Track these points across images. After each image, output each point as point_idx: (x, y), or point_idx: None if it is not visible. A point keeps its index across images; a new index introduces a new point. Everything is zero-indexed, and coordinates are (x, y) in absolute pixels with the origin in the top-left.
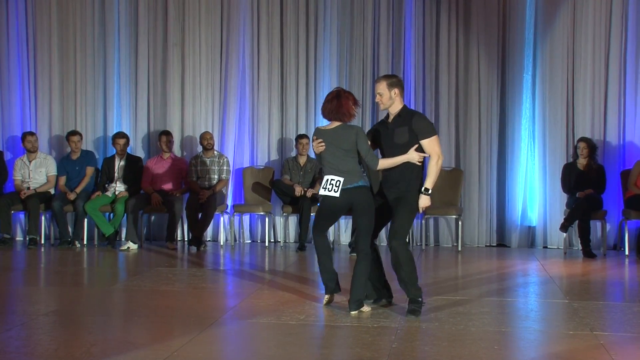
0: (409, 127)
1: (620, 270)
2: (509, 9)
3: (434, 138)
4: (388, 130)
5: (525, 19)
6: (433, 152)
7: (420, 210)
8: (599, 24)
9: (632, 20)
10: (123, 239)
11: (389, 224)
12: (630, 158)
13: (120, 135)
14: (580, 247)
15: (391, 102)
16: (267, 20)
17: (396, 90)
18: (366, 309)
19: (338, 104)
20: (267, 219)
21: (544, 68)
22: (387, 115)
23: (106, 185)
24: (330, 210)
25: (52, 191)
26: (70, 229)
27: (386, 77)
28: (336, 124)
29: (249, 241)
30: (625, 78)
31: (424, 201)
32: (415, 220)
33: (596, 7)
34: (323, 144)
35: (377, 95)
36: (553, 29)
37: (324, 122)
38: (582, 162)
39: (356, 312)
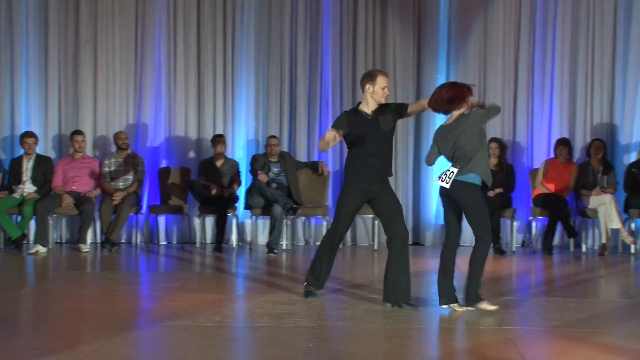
0: (391, 114)
1: (528, 266)
2: (424, 12)
3: None
4: (370, 120)
5: (439, 21)
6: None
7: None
8: (509, 29)
9: (540, 25)
10: (32, 242)
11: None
12: (538, 157)
13: (28, 134)
14: (492, 244)
15: None
16: (184, 18)
17: None
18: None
19: (460, 90)
20: (183, 220)
21: (457, 71)
22: (356, 109)
23: (14, 186)
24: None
25: None
26: None
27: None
28: (455, 114)
29: (165, 242)
30: (533, 81)
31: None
32: (332, 219)
33: (506, 14)
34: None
35: (386, 89)
36: (466, 33)
37: (240, 123)
38: (493, 161)
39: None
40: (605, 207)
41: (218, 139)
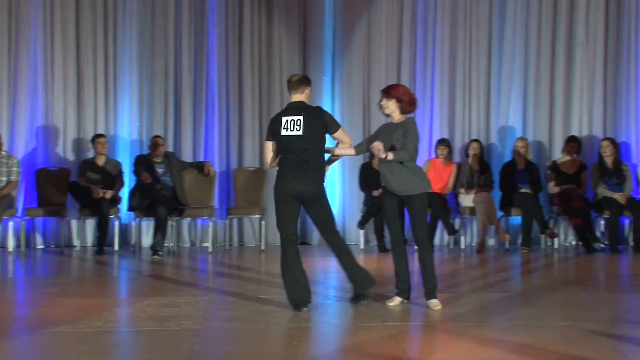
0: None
1: (410, 263)
2: (309, 13)
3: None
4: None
5: (324, 22)
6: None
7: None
8: (392, 32)
9: (420, 27)
10: None
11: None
12: (420, 157)
13: None
14: (376, 242)
15: None
16: (61, 13)
17: None
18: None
19: None
20: (62, 223)
21: (342, 72)
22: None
23: None
24: None
25: None
26: None
27: None
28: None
29: (42, 246)
30: (415, 82)
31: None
32: (219, 220)
33: (389, 17)
34: None
35: None
36: (351, 34)
37: (123, 123)
38: (377, 162)
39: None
40: (482, 205)
41: (99, 139)
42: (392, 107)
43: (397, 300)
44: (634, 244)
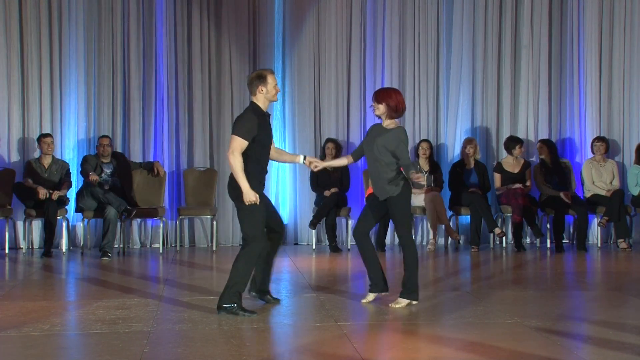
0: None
1: (361, 263)
2: (258, 11)
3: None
4: (269, 126)
5: (274, 21)
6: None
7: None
8: (341, 31)
9: (370, 28)
10: None
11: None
12: None
13: None
14: (327, 242)
15: None
16: (4, 10)
17: None
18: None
19: None
20: (7, 225)
21: (292, 70)
22: (262, 112)
23: None
24: None
25: None
26: None
27: None
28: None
29: None
30: (365, 81)
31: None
32: (169, 221)
33: (338, 16)
34: None
35: (277, 86)
36: (300, 33)
37: (69, 122)
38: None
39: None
40: (432, 204)
41: (45, 139)
42: (381, 109)
43: (371, 296)
44: (578, 242)
